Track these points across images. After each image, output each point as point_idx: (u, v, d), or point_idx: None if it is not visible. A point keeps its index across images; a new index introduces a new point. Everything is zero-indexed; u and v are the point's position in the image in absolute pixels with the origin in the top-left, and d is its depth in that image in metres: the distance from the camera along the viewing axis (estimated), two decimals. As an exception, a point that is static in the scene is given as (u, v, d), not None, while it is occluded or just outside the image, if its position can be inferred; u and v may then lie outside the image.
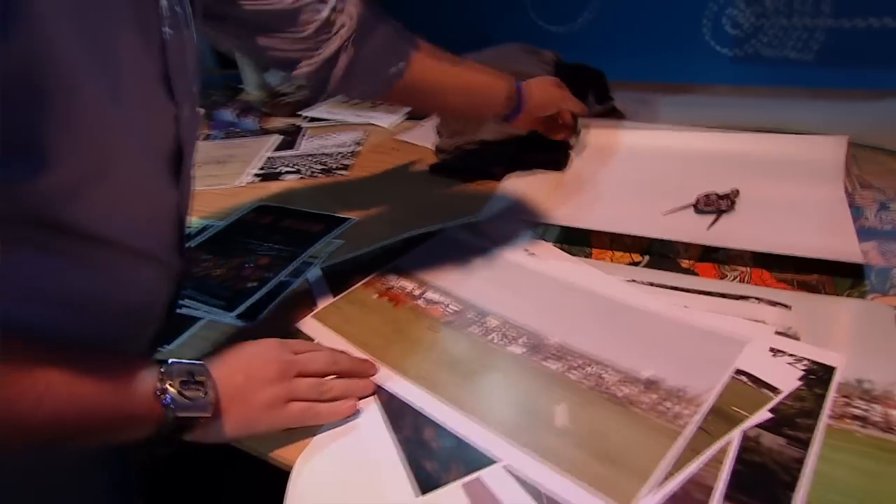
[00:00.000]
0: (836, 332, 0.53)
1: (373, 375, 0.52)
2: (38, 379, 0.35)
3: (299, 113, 1.34)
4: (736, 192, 0.77)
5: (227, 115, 1.28)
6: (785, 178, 0.79)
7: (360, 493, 0.43)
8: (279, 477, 0.45)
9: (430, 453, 0.44)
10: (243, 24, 0.58)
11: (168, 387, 0.41)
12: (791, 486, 0.39)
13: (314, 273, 0.71)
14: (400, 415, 0.48)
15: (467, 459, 0.44)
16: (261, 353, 0.48)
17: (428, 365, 0.53)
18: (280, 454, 0.47)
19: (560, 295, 0.62)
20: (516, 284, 0.64)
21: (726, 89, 1.20)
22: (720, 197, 0.76)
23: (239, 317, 0.66)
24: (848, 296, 0.58)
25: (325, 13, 0.59)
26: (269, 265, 0.75)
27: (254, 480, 0.50)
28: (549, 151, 0.93)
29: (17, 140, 0.31)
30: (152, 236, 0.46)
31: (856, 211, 0.72)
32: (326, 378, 0.50)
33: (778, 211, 0.73)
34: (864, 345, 0.51)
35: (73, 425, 0.37)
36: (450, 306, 0.61)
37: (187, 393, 0.41)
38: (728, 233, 0.69)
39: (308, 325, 0.61)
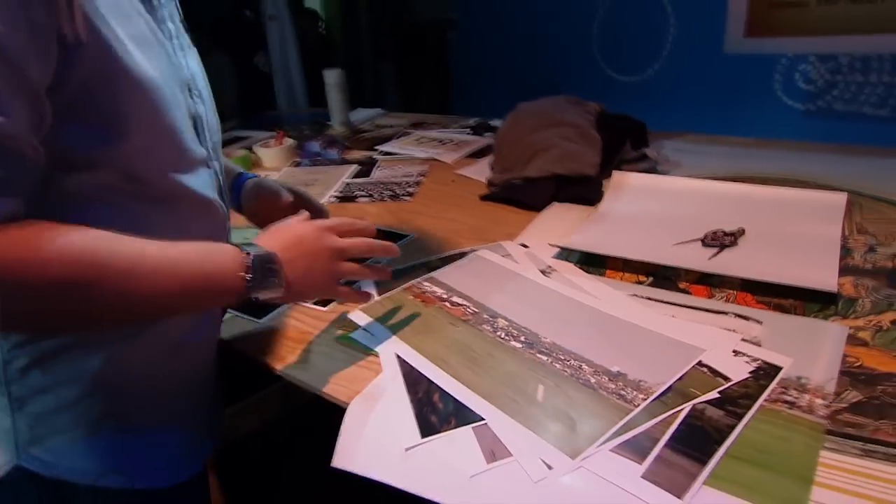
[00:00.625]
0: (792, 343, 0.62)
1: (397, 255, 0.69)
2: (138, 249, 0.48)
3: (375, 147, 1.54)
4: (742, 231, 0.88)
5: (315, 146, 1.50)
6: (789, 222, 0.89)
7: (384, 431, 0.57)
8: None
9: (434, 411, 0.58)
10: None
11: (251, 274, 0.53)
12: (718, 442, 0.50)
13: (368, 283, 0.87)
14: (416, 382, 0.63)
15: (460, 417, 0.57)
16: (317, 240, 0.61)
17: (443, 349, 0.67)
18: (340, 398, 0.62)
19: (560, 305, 0.75)
20: (527, 295, 0.77)
21: (791, 144, 1.28)
22: (726, 234, 0.87)
23: (315, 303, 0.83)
24: (814, 317, 0.67)
25: None
26: (338, 268, 0.92)
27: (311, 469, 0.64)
28: (584, 189, 1.07)
29: (107, 118, 0.48)
30: (198, 180, 0.60)
31: (846, 251, 0.81)
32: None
33: (775, 248, 0.82)
34: (813, 353, 0.60)
35: (171, 287, 0.49)
36: (469, 308, 0.75)
37: (265, 281, 0.55)
38: (725, 263, 0.80)
39: (357, 315, 0.77)
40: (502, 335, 0.69)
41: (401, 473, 0.53)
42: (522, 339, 0.68)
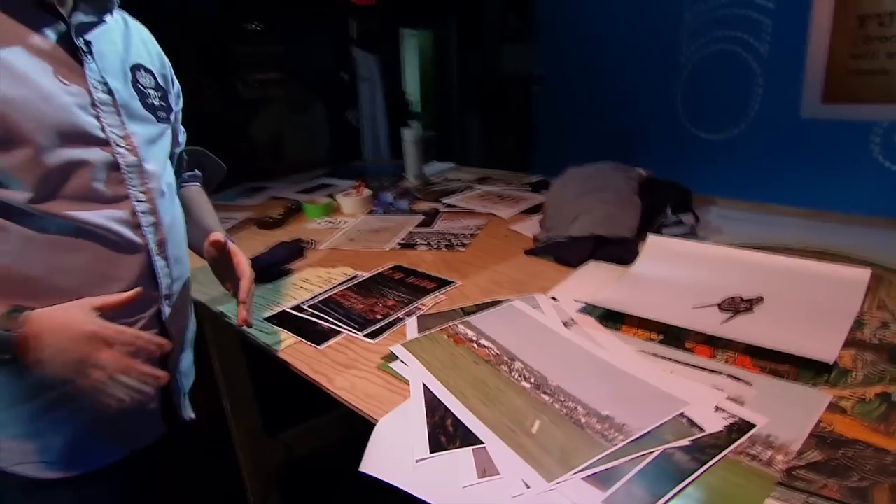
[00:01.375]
0: (774, 405, 0.68)
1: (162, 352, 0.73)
2: None
3: (441, 200, 1.71)
4: (759, 299, 0.93)
5: (388, 197, 1.68)
6: (809, 294, 0.93)
7: (402, 445, 0.69)
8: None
9: (444, 432, 0.69)
10: None
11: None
12: (677, 482, 0.58)
13: (411, 320, 1.00)
14: (435, 408, 0.74)
15: (465, 439, 0.68)
16: (81, 324, 0.67)
17: (463, 383, 0.79)
18: (372, 415, 0.75)
19: (572, 354, 0.84)
20: (545, 343, 0.87)
21: (843, 217, 1.29)
22: (743, 300, 0.93)
23: (366, 336, 0.97)
24: (803, 384, 0.73)
25: None
26: (393, 306, 1.07)
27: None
28: (620, 250, 1.16)
29: None
30: (98, 216, 0.73)
31: (858, 325, 0.84)
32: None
33: (789, 317, 0.87)
34: (789, 416, 0.66)
35: None
36: (493, 351, 0.86)
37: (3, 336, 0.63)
38: (734, 327, 0.86)
39: (398, 348, 0.90)
40: (516, 375, 0.80)
41: (410, 480, 0.64)
42: (532, 380, 0.78)
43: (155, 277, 0.83)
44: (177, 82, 0.99)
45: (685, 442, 0.64)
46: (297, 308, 1.09)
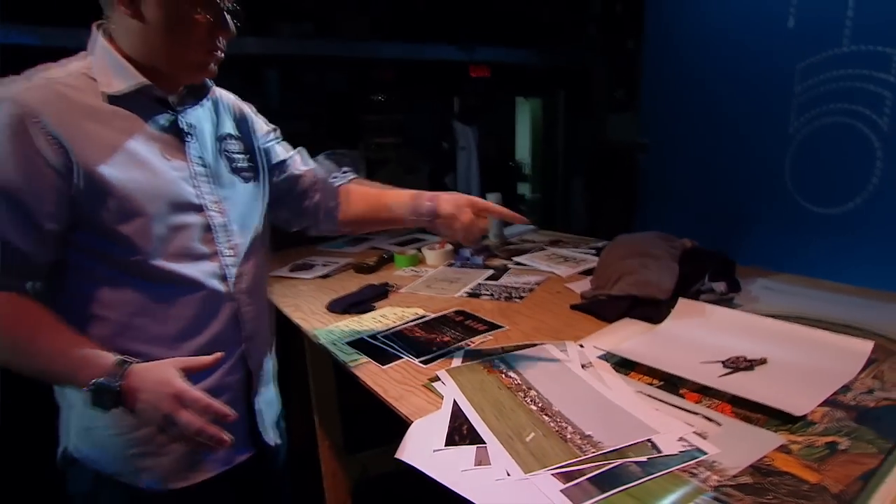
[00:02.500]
0: (731, 441, 0.81)
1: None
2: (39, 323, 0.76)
3: (512, 258, 1.92)
4: (763, 360, 1.05)
5: (466, 252, 1.93)
6: (810, 359, 1.03)
7: (427, 440, 0.90)
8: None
9: (459, 434, 0.89)
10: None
11: (89, 389, 0.74)
12: (624, 483, 0.74)
13: (459, 353, 1.22)
14: (458, 416, 0.94)
15: (472, 439, 0.87)
16: (168, 386, 0.75)
17: (485, 402, 0.98)
18: (410, 418, 0.97)
19: (579, 388, 1.00)
20: (560, 379, 1.04)
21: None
22: (746, 360, 1.05)
23: (420, 361, 1.20)
24: (766, 429, 0.84)
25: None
26: (448, 341, 1.29)
27: None
28: (652, 310, 1.30)
29: (104, 232, 0.83)
30: (195, 269, 0.90)
31: (845, 389, 0.94)
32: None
33: (783, 378, 0.98)
34: (740, 450, 0.79)
35: (42, 358, 0.77)
36: (516, 380, 1.05)
37: (96, 397, 0.74)
38: (727, 381, 0.98)
39: (442, 373, 1.11)
40: (528, 400, 0.99)
41: (427, 463, 0.85)
42: (540, 405, 0.97)
43: (239, 322, 0.99)
44: (260, 122, 1.15)
45: (642, 458, 0.79)
46: (373, 336, 1.34)
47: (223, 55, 0.93)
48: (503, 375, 1.08)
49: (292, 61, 4.98)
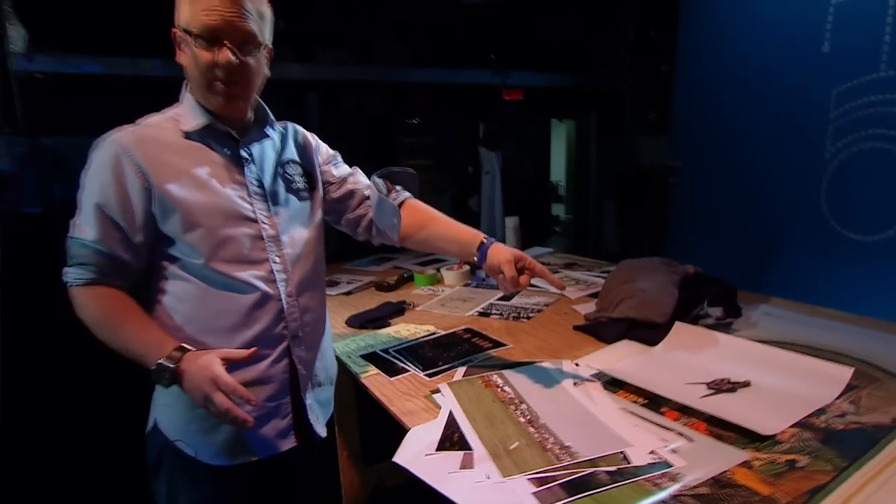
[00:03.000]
0: (699, 456, 0.87)
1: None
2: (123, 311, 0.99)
3: (526, 280, 2.00)
4: (746, 383, 1.10)
5: (482, 274, 2.02)
6: (791, 384, 1.07)
7: (420, 445, 0.98)
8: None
9: (450, 440, 0.98)
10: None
11: (162, 361, 0.94)
12: (591, 489, 0.81)
13: (463, 367, 1.30)
14: (451, 425, 1.03)
15: (461, 446, 0.96)
16: (208, 369, 0.92)
17: (478, 413, 1.06)
18: (409, 425, 1.06)
19: (566, 404, 1.07)
20: (551, 394, 1.12)
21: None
22: (730, 382, 1.10)
23: (425, 374, 1.29)
24: (734, 446, 0.90)
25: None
26: (454, 357, 1.38)
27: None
28: (648, 333, 1.36)
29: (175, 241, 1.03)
30: (247, 274, 1.05)
31: (820, 412, 0.98)
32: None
33: (762, 400, 1.03)
34: (705, 464, 0.85)
35: (127, 340, 0.98)
36: (510, 394, 1.13)
37: (157, 376, 0.95)
38: (707, 402, 1.04)
39: (443, 386, 1.20)
40: (518, 413, 1.06)
41: (418, 466, 0.94)
42: (528, 417, 1.04)
43: (283, 321, 1.12)
44: (323, 148, 1.30)
45: (612, 468, 0.86)
46: (385, 350, 1.44)
47: (236, 90, 1.05)
48: (499, 389, 1.16)
49: (332, 86, 5.21)
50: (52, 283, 1.21)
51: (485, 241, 1.20)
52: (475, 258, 1.20)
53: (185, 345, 0.98)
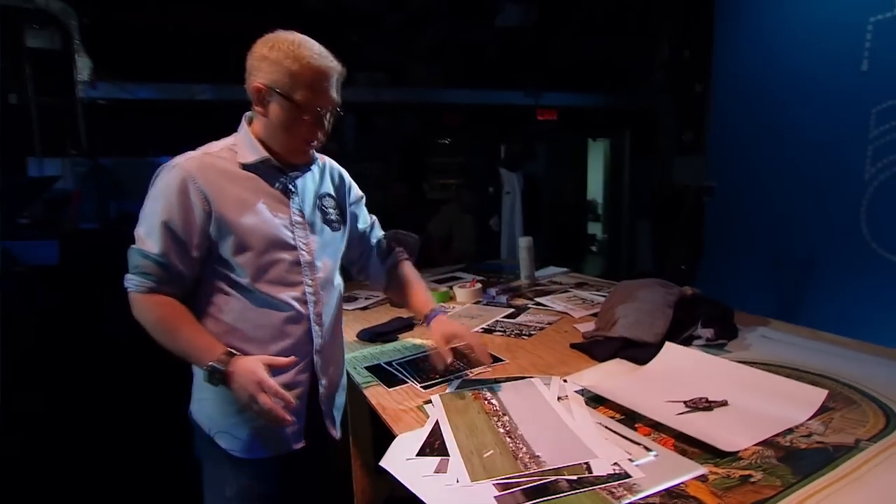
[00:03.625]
0: (658, 469, 0.91)
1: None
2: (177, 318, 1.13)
3: (535, 298, 2.06)
4: (723, 402, 1.13)
5: (492, 292, 2.09)
6: (766, 404, 1.10)
7: (403, 450, 1.06)
8: None
9: (431, 447, 1.05)
10: None
11: (206, 369, 1.08)
12: (550, 495, 0.87)
13: (457, 381, 1.37)
14: (435, 434, 1.10)
15: (439, 452, 1.03)
16: (255, 373, 1.07)
17: (462, 422, 1.13)
18: (397, 431, 1.14)
19: (546, 416, 1.13)
20: (534, 407, 1.17)
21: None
22: (708, 401, 1.14)
23: (421, 386, 1.36)
24: (696, 460, 0.94)
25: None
26: (452, 370, 1.45)
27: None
28: (639, 352, 1.40)
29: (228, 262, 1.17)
30: (285, 294, 1.20)
31: (788, 432, 1.01)
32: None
33: (735, 419, 1.07)
34: (663, 476, 0.89)
35: (182, 343, 1.12)
36: (496, 407, 1.19)
37: (210, 376, 1.08)
38: (680, 419, 1.08)
39: (434, 397, 1.27)
40: (499, 424, 1.13)
41: (398, 469, 1.01)
42: (507, 428, 1.11)
43: (311, 337, 1.26)
44: (354, 188, 1.45)
45: (573, 477, 0.91)
46: (388, 363, 1.53)
47: (320, 144, 1.24)
48: (486, 402, 1.23)
49: (367, 107, 5.42)
50: (107, 293, 1.38)
51: (430, 313, 1.41)
52: (425, 324, 1.42)
53: (231, 350, 1.12)
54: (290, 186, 1.25)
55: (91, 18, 4.72)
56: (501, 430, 1.10)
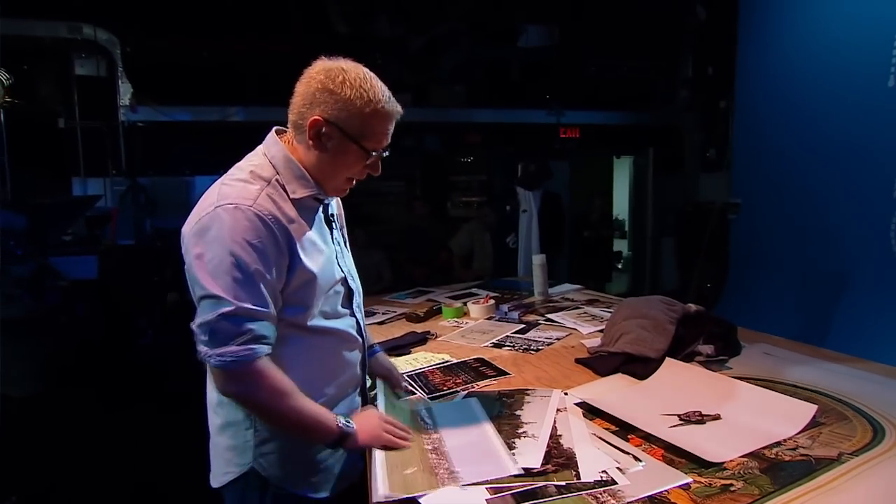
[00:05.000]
0: (644, 477, 0.96)
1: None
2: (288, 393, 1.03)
3: (547, 314, 2.11)
4: (716, 416, 1.17)
5: (505, 308, 2.15)
6: (757, 418, 1.14)
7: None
8: None
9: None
10: None
11: (335, 437, 1.07)
12: (539, 498, 0.92)
13: (462, 392, 1.43)
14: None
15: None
16: (378, 419, 1.12)
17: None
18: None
19: (474, 434, 1.16)
20: (468, 427, 1.20)
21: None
22: (702, 415, 1.18)
23: (428, 397, 1.43)
24: (682, 470, 0.98)
25: None
26: (459, 383, 1.51)
27: None
28: (640, 367, 1.44)
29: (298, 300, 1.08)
30: (342, 323, 1.17)
31: (775, 444, 1.04)
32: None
33: (726, 432, 1.10)
34: (648, 484, 0.94)
35: (301, 411, 1.04)
36: (429, 425, 1.25)
37: (342, 439, 1.07)
38: (671, 432, 1.12)
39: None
40: (427, 441, 1.14)
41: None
42: (435, 445, 1.12)
43: (364, 364, 1.27)
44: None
45: (562, 482, 0.97)
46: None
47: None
48: (421, 420, 1.25)
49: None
50: (141, 307, 1.46)
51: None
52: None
53: (344, 417, 1.10)
54: (332, 218, 1.21)
55: (132, 46, 4.99)
56: (429, 447, 1.12)
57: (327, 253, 1.15)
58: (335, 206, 1.27)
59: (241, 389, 1.03)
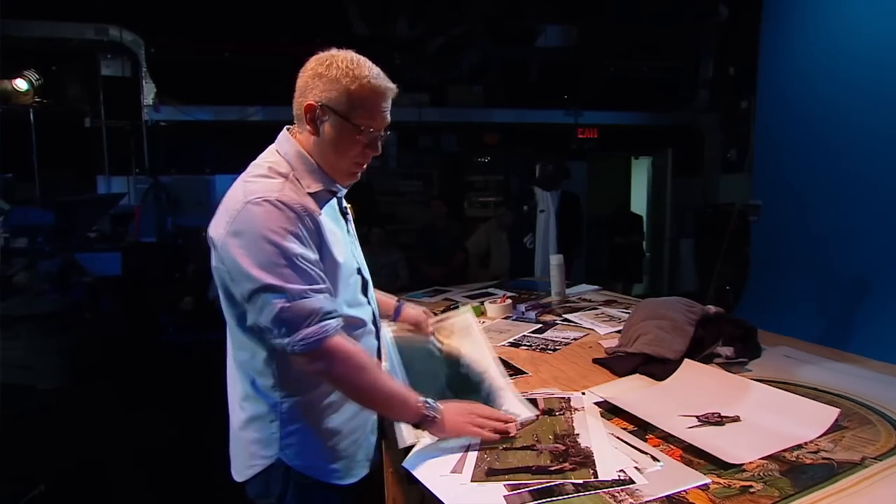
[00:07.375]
0: (662, 477, 0.96)
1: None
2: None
3: (564, 315, 2.11)
4: (736, 418, 1.16)
5: (522, 308, 2.15)
6: (778, 420, 1.13)
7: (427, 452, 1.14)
8: None
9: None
10: None
11: (423, 414, 1.09)
12: (556, 496, 0.93)
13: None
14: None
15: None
16: (469, 409, 1.14)
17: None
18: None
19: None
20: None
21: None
22: (721, 416, 1.17)
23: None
24: (699, 470, 0.98)
25: None
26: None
27: None
28: (658, 368, 1.44)
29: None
30: (360, 311, 1.21)
31: (796, 447, 1.03)
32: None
33: (745, 433, 1.10)
34: (666, 484, 0.94)
35: (387, 388, 1.11)
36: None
37: (426, 419, 1.09)
38: (690, 432, 1.12)
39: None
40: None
41: (420, 469, 1.09)
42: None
43: (379, 347, 1.31)
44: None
45: (580, 480, 0.97)
46: (417, 373, 1.61)
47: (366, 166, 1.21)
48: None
49: (409, 127, 5.60)
50: (162, 302, 1.51)
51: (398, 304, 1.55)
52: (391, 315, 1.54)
53: (426, 399, 1.12)
54: (344, 207, 1.25)
55: (156, 48, 5.09)
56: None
57: (347, 244, 1.20)
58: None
59: (325, 367, 1.06)
